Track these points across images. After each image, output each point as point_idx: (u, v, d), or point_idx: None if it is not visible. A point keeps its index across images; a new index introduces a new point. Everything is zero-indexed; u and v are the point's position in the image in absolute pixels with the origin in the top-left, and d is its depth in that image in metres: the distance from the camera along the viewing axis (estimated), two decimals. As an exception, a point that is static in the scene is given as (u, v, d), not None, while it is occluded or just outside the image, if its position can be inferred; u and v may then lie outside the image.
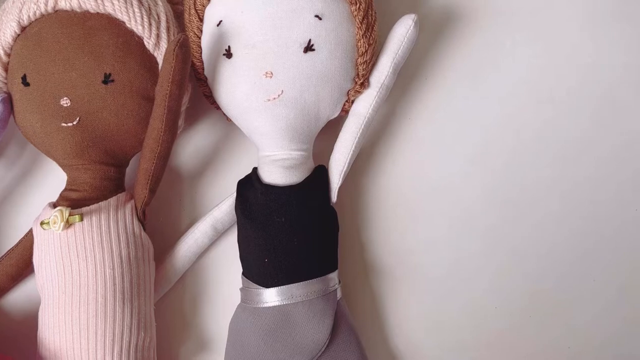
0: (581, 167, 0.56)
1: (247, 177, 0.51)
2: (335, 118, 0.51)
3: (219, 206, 0.51)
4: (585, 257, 0.56)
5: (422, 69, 0.56)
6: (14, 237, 0.52)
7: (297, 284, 0.48)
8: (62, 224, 0.45)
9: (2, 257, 0.51)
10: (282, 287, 0.48)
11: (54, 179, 0.53)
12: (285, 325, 0.48)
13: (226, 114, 0.51)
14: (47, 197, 0.51)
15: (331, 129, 0.52)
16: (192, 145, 0.55)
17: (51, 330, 0.46)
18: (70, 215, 0.45)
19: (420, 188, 0.55)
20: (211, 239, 0.52)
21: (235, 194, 0.51)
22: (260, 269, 0.48)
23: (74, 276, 0.46)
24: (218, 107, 0.51)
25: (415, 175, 0.55)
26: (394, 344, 0.55)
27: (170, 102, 0.45)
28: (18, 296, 0.53)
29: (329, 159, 0.51)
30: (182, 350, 0.54)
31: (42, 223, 0.46)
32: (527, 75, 0.56)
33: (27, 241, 0.50)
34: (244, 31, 0.46)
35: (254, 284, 0.49)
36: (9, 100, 0.48)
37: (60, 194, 0.49)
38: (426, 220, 0.55)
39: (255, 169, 0.51)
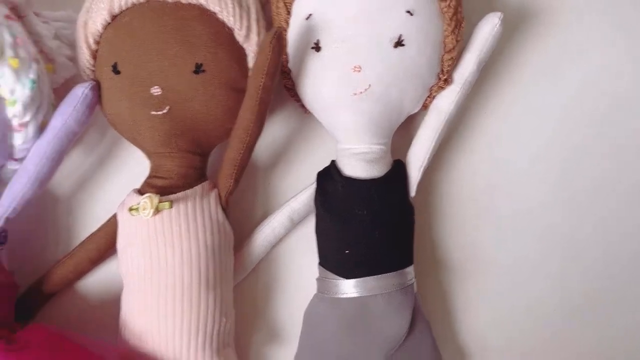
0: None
1: (326, 169, 0.51)
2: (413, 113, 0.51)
3: (297, 197, 0.52)
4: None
5: (499, 63, 0.56)
6: (91, 222, 0.53)
7: (376, 276, 0.48)
8: (152, 210, 0.46)
9: (83, 241, 0.52)
10: (361, 279, 0.48)
11: (133, 166, 0.54)
12: (364, 316, 0.48)
13: (308, 106, 0.51)
14: (125, 184, 0.52)
15: (406, 124, 0.52)
16: (269, 136, 0.56)
17: (136, 315, 0.47)
18: (160, 202, 0.46)
19: (494, 183, 0.56)
20: (287, 230, 0.53)
21: (312, 186, 0.51)
22: (339, 260, 0.49)
23: (161, 262, 0.46)
24: (298, 100, 0.52)
25: (489, 170, 0.56)
26: (464, 341, 0.55)
27: (262, 94, 0.45)
28: (95, 279, 0.54)
29: (402, 153, 0.51)
30: (254, 339, 0.55)
31: (130, 209, 0.47)
32: (602, 74, 0.56)
33: (110, 226, 0.51)
34: (334, 25, 0.47)
35: (333, 275, 0.49)
36: (97, 88, 0.49)
37: (146, 181, 0.49)
38: (500, 215, 0.55)
39: (333, 162, 0.51)
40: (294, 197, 0.52)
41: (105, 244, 0.51)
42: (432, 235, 0.56)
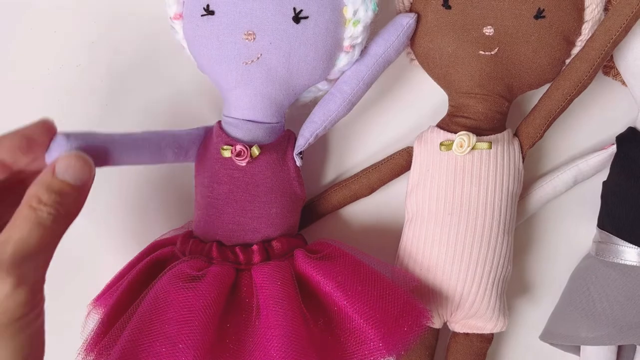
0: None
1: (627, 135, 0.50)
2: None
3: (587, 160, 0.51)
4: None
5: None
6: (361, 150, 0.56)
7: (678, 250, 0.48)
8: (469, 148, 0.46)
9: (367, 169, 0.53)
10: (660, 250, 0.48)
11: (413, 101, 0.55)
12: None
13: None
14: (405, 119, 0.55)
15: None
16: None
17: (427, 245, 0.48)
18: (477, 141, 0.47)
19: None
20: (567, 189, 0.53)
21: (604, 152, 0.51)
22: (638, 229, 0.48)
23: (463, 200, 0.47)
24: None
25: None
26: None
27: (610, 48, 0.44)
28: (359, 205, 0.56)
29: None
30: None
31: (441, 144, 0.48)
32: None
33: (397, 159, 0.52)
34: None
35: (622, 241, 0.49)
36: (417, 20, 0.49)
37: (450, 119, 0.50)
38: None
39: (633, 129, 0.50)
40: (585, 159, 0.52)
41: (389, 175, 0.52)
42: None
